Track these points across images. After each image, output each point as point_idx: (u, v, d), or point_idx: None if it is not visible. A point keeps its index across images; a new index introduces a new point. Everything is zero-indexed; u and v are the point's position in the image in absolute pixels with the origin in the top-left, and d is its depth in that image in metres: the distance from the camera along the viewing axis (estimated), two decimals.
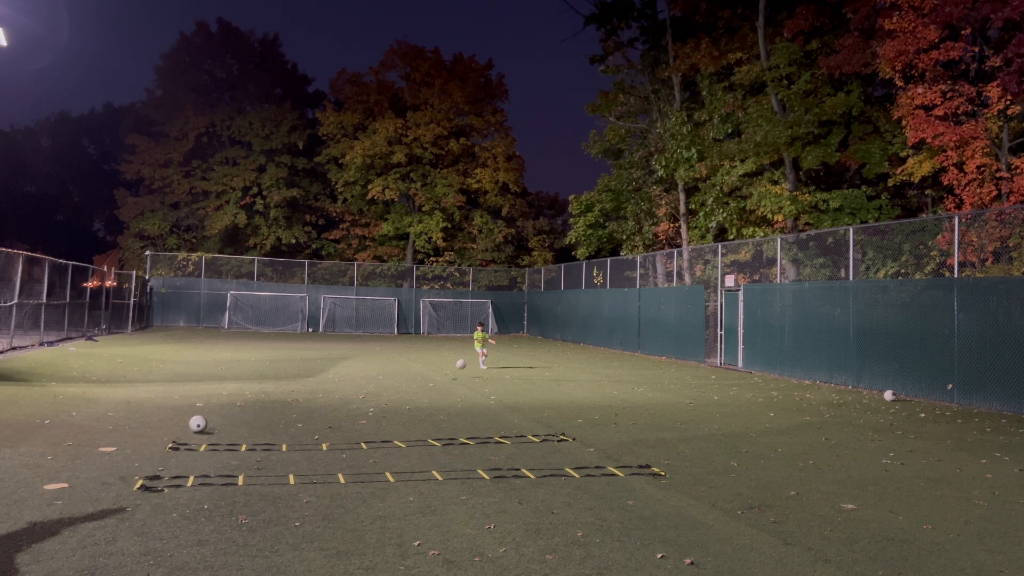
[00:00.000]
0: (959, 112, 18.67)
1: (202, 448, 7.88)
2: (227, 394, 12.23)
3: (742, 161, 24.28)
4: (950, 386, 13.19)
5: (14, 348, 17.85)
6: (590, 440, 8.94)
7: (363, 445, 8.28)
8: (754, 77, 24.46)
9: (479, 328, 19.12)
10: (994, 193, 18.10)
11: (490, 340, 18.87)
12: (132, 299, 30.09)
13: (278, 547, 4.88)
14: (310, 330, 35.80)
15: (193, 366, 17.04)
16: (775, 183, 24.03)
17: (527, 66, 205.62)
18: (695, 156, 25.40)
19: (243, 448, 7.95)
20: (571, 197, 33.90)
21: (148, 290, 34.29)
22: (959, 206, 18.73)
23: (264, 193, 44.54)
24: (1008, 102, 17.60)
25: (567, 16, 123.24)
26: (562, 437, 9.09)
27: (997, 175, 18.14)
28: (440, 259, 43.16)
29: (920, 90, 18.71)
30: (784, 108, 23.77)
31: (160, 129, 45.77)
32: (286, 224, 45.16)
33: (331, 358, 20.34)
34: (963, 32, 18.01)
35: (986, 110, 18.27)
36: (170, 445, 7.96)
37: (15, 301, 18.18)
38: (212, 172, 44.99)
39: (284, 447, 8.09)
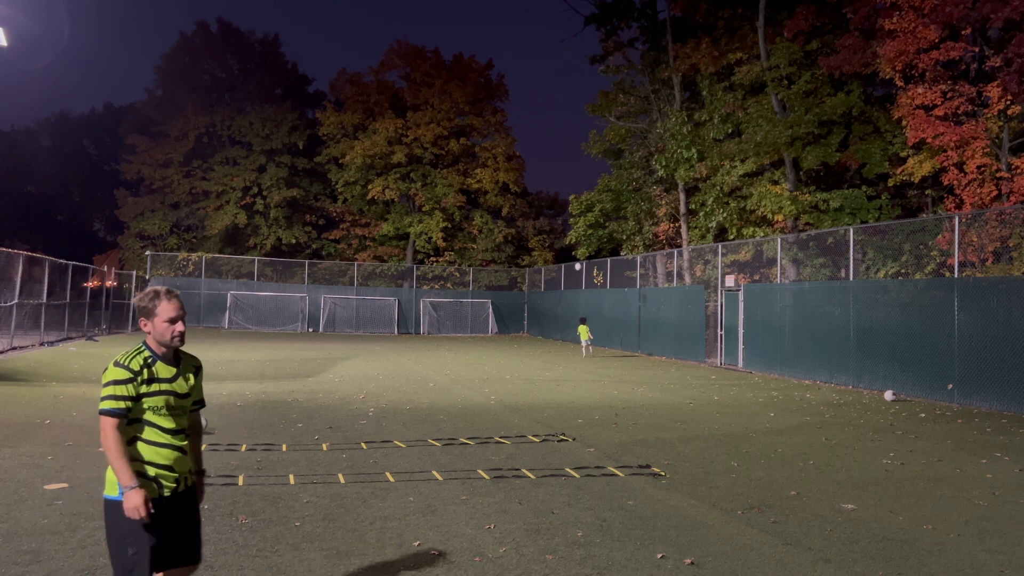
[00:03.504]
0: (959, 112, 18.66)
1: (202, 448, 7.87)
2: (227, 394, 12.23)
3: (742, 161, 24.26)
4: (950, 386, 13.18)
5: (14, 348, 17.86)
6: (590, 440, 8.94)
7: (363, 445, 8.28)
8: (754, 77, 24.44)
9: (583, 321, 23.71)
10: (994, 193, 18.09)
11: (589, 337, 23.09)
12: (132, 299, 30.07)
13: (278, 547, 4.88)
14: (310, 330, 35.79)
15: None
16: (775, 183, 24.02)
17: (527, 66, 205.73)
18: (695, 156, 25.38)
19: (243, 448, 7.95)
20: (571, 197, 33.88)
21: None
22: (959, 206, 18.72)
23: (264, 193, 44.55)
24: (1008, 102, 17.60)
25: (567, 16, 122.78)
26: (562, 437, 9.09)
27: (997, 175, 18.14)
28: (440, 259, 43.14)
29: (920, 90, 18.70)
30: (784, 108, 23.76)
31: (160, 129, 45.76)
32: (286, 224, 45.16)
33: (331, 358, 20.33)
34: (963, 32, 18.00)
35: (986, 110, 18.27)
36: None
37: (15, 301, 18.18)
38: (212, 172, 45.00)
39: (284, 447, 8.09)
